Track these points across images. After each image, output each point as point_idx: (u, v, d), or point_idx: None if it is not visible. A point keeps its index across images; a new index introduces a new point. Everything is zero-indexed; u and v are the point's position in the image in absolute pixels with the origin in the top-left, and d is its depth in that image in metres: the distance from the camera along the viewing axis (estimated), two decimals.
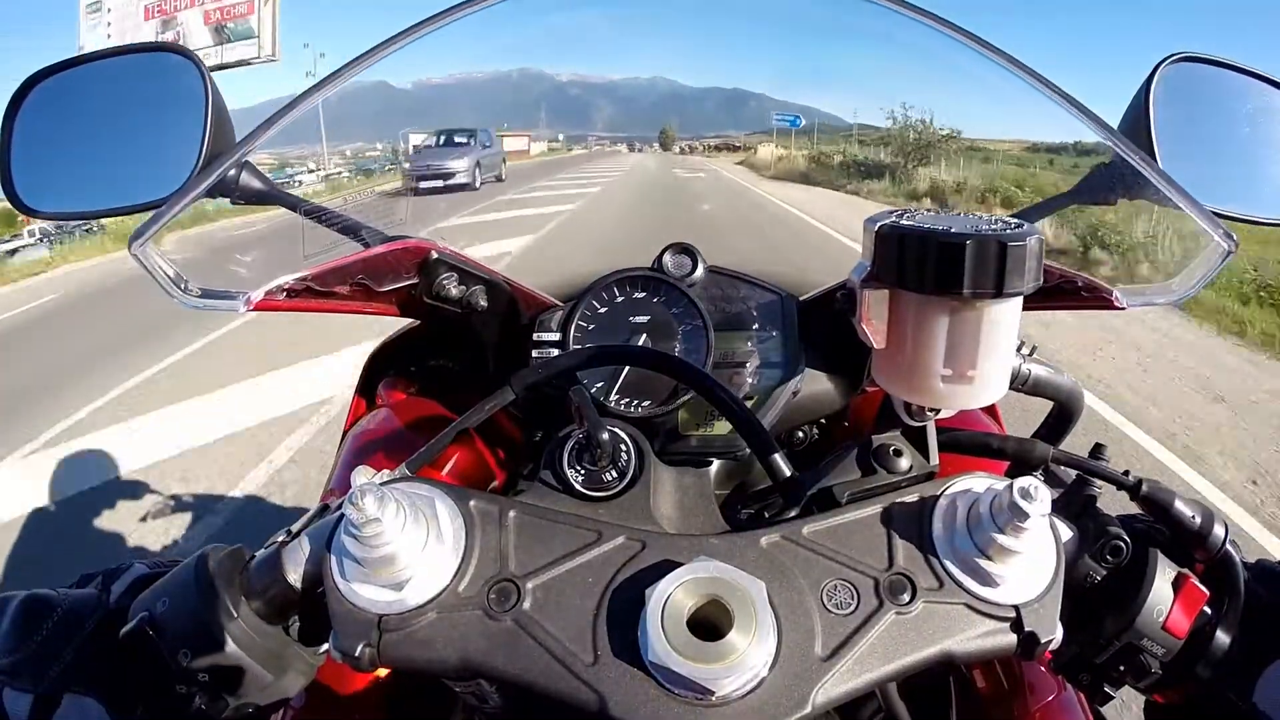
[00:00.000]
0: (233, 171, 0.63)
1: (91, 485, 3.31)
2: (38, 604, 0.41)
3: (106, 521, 2.92)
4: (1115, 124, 0.68)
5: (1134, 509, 0.49)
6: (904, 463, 0.47)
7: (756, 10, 0.88)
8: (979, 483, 0.41)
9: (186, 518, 2.90)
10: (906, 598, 0.38)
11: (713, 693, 0.34)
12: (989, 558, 0.38)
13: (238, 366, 4.64)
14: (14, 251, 13.17)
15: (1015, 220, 0.39)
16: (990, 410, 0.85)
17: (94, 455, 3.64)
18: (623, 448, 0.47)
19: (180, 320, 5.29)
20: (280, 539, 0.44)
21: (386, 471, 0.45)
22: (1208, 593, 0.44)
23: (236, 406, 4.04)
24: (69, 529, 2.93)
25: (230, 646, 0.40)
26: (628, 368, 0.63)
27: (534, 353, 0.66)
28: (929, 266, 0.38)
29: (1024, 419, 0.77)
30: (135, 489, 3.15)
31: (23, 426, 4.06)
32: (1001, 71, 0.58)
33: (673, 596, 0.36)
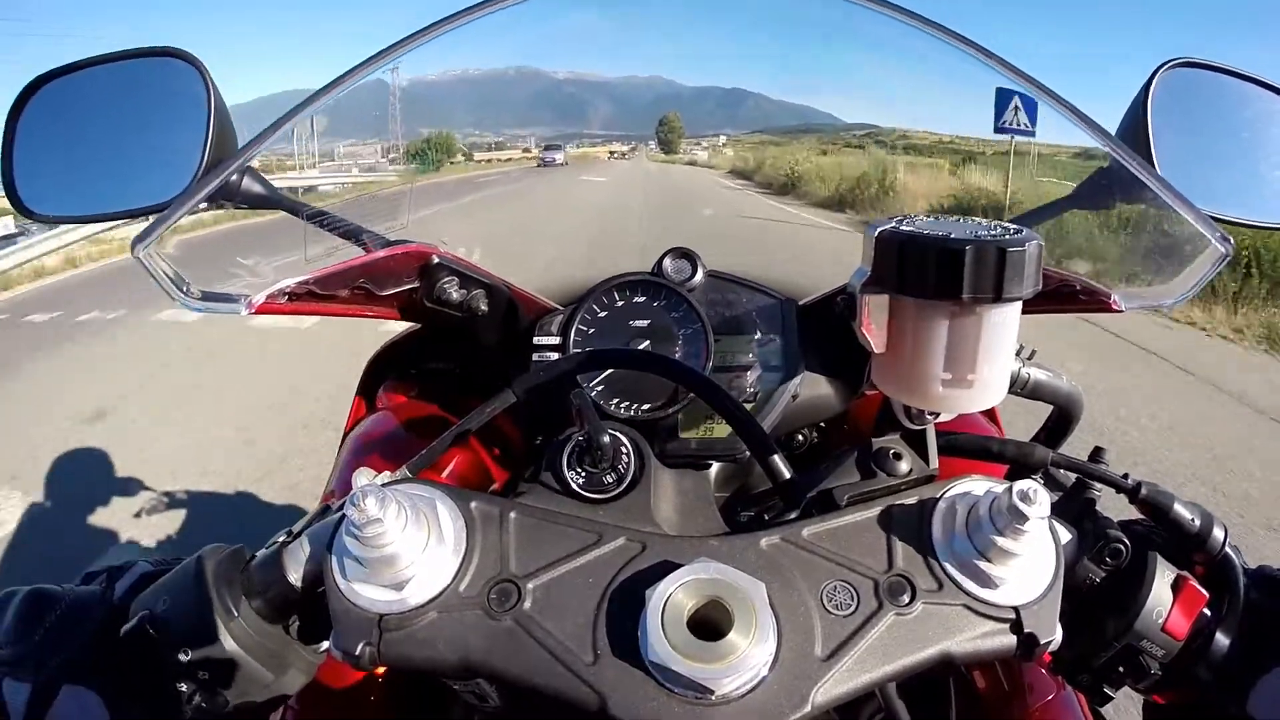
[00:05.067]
0: (235, 176, 0.63)
1: None
2: (42, 599, 0.41)
3: None
4: (1113, 129, 0.68)
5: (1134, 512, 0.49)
6: (903, 466, 0.47)
7: (756, 8, 0.88)
8: (978, 486, 0.41)
9: None
10: (906, 599, 0.38)
11: (713, 692, 0.34)
12: (988, 560, 0.38)
13: None
14: None
15: (1014, 226, 0.40)
16: (990, 414, 0.85)
17: None
18: (623, 450, 0.47)
19: None
20: (281, 539, 0.44)
21: (388, 473, 0.45)
22: (1207, 595, 0.44)
23: None
24: None
25: (230, 645, 0.40)
26: (627, 371, 0.63)
27: (534, 356, 0.66)
28: (929, 272, 0.38)
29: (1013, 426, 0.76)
30: None
31: None
32: (998, 77, 0.58)
33: (673, 597, 0.36)
